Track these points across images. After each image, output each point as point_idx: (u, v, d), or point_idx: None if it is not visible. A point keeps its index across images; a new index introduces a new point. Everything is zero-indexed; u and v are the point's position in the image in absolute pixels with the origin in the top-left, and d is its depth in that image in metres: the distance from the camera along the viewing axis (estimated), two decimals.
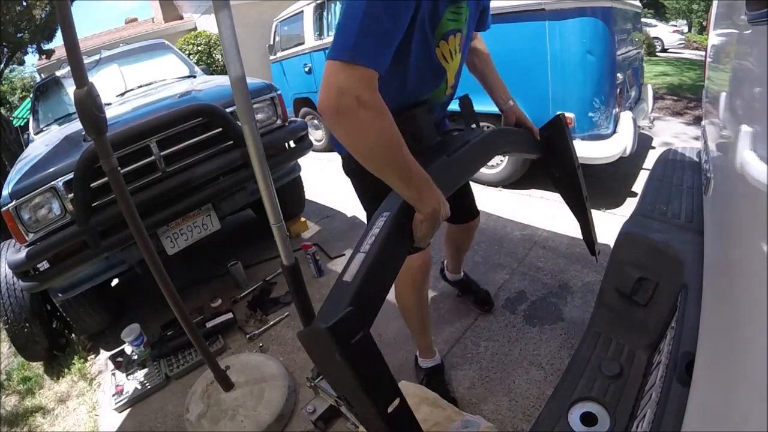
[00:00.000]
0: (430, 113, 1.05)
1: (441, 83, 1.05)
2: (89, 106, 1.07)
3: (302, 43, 4.70)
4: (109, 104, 2.58)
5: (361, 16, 0.70)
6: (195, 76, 3.18)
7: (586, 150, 2.47)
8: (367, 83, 0.70)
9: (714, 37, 1.27)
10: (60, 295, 1.99)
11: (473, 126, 1.16)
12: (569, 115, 2.48)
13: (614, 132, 2.53)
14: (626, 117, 2.58)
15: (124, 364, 1.99)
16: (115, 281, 2.92)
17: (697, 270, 0.79)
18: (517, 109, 1.33)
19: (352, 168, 1.19)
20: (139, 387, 1.86)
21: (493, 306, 1.84)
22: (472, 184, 1.57)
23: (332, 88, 0.68)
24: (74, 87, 1.07)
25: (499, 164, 3.03)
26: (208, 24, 9.45)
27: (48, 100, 3.18)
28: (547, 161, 1.38)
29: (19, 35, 6.93)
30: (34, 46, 7.59)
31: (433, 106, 1.09)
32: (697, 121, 4.44)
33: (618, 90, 2.53)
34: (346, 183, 1.26)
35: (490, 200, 2.90)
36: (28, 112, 3.79)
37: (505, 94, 1.32)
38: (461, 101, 1.15)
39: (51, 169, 1.84)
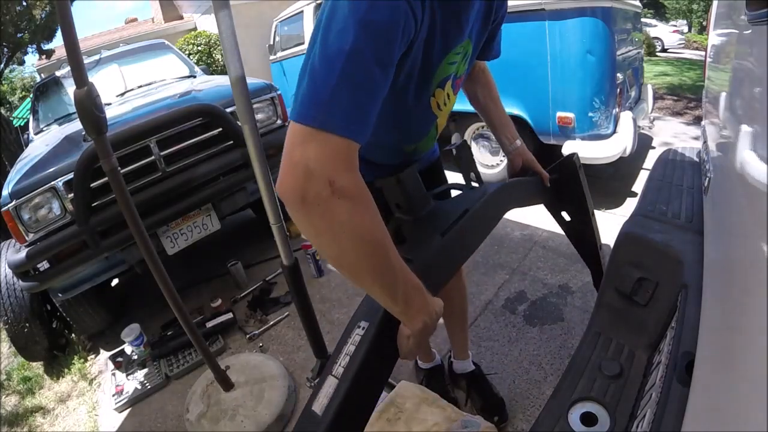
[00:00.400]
0: (417, 173, 0.85)
1: (430, 130, 0.89)
2: (89, 106, 1.07)
3: (302, 43, 4.70)
4: (109, 104, 2.58)
5: (342, 58, 0.50)
6: (195, 76, 3.18)
7: (586, 150, 2.47)
8: (344, 160, 0.51)
9: (714, 37, 1.27)
10: (60, 295, 1.99)
11: (471, 176, 0.99)
12: (569, 114, 2.48)
13: (614, 132, 2.53)
14: (626, 117, 2.58)
15: (124, 364, 1.99)
16: (115, 281, 2.92)
17: (697, 270, 0.79)
18: (524, 150, 1.14)
19: None
20: (139, 387, 1.86)
21: (507, 419, 1.37)
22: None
23: (297, 166, 0.50)
24: (74, 87, 1.07)
25: (498, 164, 3.03)
26: (208, 24, 9.45)
27: (48, 100, 3.18)
28: (557, 205, 1.21)
29: (19, 35, 6.93)
30: (34, 46, 7.59)
31: (420, 159, 0.95)
32: (697, 121, 4.44)
33: (618, 90, 2.53)
34: None
35: None
36: (28, 112, 3.79)
37: (512, 134, 1.12)
38: (458, 150, 0.98)
39: (51, 169, 1.84)
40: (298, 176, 0.50)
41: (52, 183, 1.80)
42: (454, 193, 1.04)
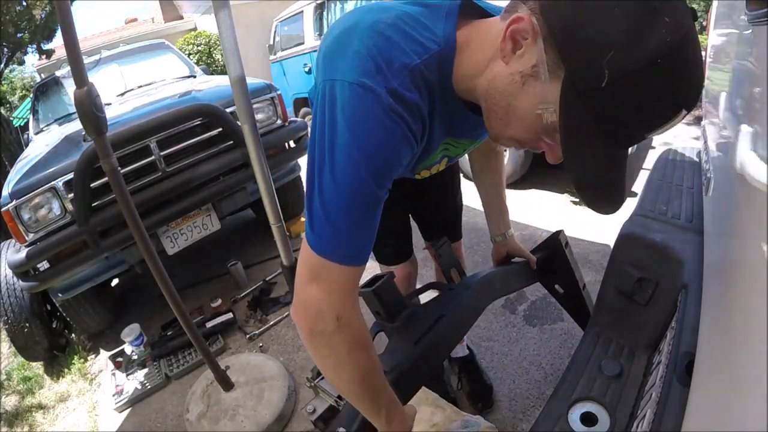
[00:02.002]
0: (393, 282, 0.85)
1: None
2: (89, 106, 1.07)
3: (302, 43, 4.70)
4: (109, 104, 2.58)
5: (353, 195, 0.53)
6: (195, 76, 3.18)
7: None
8: (352, 290, 0.57)
9: (714, 37, 1.27)
10: (60, 295, 1.99)
11: (454, 270, 1.01)
12: None
13: None
14: None
15: (124, 364, 1.99)
16: (115, 281, 2.92)
17: (697, 270, 0.79)
18: (512, 242, 1.14)
19: None
20: (139, 387, 1.86)
21: (491, 406, 1.41)
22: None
23: (310, 307, 0.56)
24: (74, 87, 1.07)
25: None
26: (208, 24, 9.45)
27: (48, 100, 3.18)
28: (549, 279, 1.24)
29: (19, 35, 6.93)
30: (34, 46, 7.58)
31: None
32: (697, 121, 4.43)
33: None
34: None
35: None
36: (28, 112, 3.80)
37: (504, 224, 1.13)
38: (437, 247, 1.00)
39: (51, 169, 1.84)
40: (309, 315, 0.56)
41: (52, 183, 1.80)
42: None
